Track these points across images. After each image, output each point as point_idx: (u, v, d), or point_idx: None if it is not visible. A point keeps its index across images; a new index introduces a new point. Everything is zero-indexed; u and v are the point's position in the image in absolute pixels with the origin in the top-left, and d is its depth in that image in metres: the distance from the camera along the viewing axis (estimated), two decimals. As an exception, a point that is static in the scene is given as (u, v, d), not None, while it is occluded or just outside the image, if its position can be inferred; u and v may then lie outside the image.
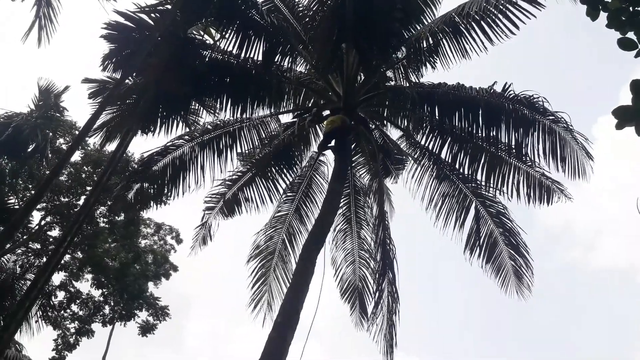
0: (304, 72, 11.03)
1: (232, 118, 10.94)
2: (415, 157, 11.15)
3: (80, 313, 19.73)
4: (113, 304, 20.40)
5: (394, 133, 11.49)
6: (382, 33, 9.13)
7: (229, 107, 10.49)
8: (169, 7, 9.04)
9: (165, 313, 20.99)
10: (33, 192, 16.93)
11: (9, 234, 11.08)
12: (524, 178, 10.05)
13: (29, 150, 15.90)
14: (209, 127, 11.08)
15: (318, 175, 11.90)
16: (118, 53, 9.31)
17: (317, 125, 11.33)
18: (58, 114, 16.92)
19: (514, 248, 10.60)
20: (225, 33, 9.36)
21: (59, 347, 19.05)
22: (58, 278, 19.05)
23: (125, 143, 9.32)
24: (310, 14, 9.79)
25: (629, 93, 2.64)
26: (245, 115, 10.83)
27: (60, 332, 19.20)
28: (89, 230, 18.40)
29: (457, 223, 10.79)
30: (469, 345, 41.52)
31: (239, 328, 47.23)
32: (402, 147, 11.40)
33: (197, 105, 10.58)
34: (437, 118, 10.30)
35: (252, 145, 11.32)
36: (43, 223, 18.49)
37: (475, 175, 10.43)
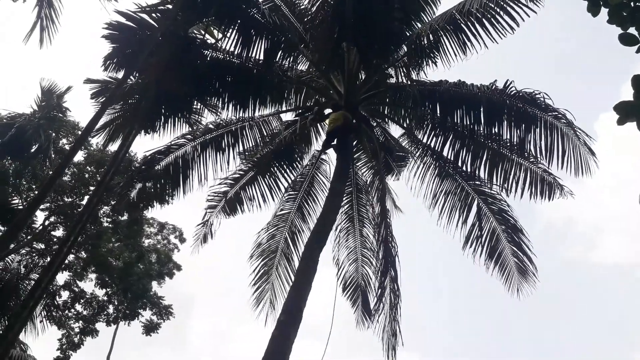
0: (305, 70, 11.03)
1: (234, 117, 10.96)
2: (417, 154, 11.14)
3: (85, 312, 19.81)
4: (117, 304, 20.46)
5: (396, 131, 11.50)
6: (382, 32, 9.13)
7: (231, 106, 10.53)
8: (170, 6, 9.06)
9: (169, 312, 21.05)
10: (36, 192, 16.97)
11: (13, 234, 11.15)
12: (526, 174, 10.04)
13: (32, 151, 15.95)
14: (211, 126, 11.10)
15: (320, 174, 11.91)
16: (119, 53, 9.35)
17: (318, 124, 11.35)
18: (61, 115, 16.98)
19: (517, 245, 10.59)
20: (227, 32, 9.38)
21: (64, 346, 19.13)
22: (62, 278, 19.17)
23: (128, 143, 9.35)
24: (311, 13, 9.80)
25: (631, 89, 2.65)
26: (247, 114, 10.85)
27: (65, 331, 19.28)
28: (93, 230, 18.46)
29: (459, 220, 10.79)
30: (470, 343, 41.55)
31: (242, 327, 47.36)
32: (403, 144, 11.40)
33: (199, 105, 10.60)
34: (438, 115, 10.28)
35: (254, 144, 11.34)
36: (47, 223, 18.55)
37: (478, 173, 10.43)
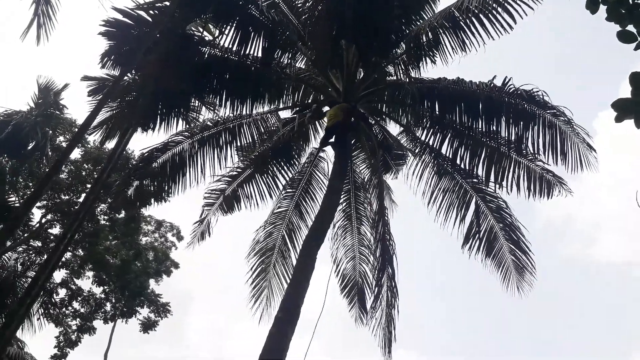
0: (304, 68, 11.00)
1: (231, 114, 10.93)
2: (416, 152, 11.13)
3: (82, 310, 19.78)
4: (114, 301, 20.45)
5: (394, 128, 11.49)
6: (381, 29, 9.11)
7: (229, 103, 10.48)
8: (168, 3, 9.01)
9: (167, 310, 21.06)
10: (33, 190, 16.92)
11: (10, 231, 11.12)
12: (525, 172, 10.04)
13: (29, 149, 15.87)
14: (209, 123, 11.07)
15: (318, 172, 11.90)
16: (117, 50, 9.30)
17: (317, 122, 11.33)
18: (58, 112, 16.88)
19: (515, 243, 10.60)
20: (224, 29, 9.32)
21: (61, 344, 19.11)
22: (59, 276, 19.11)
23: (125, 140, 9.31)
24: (310, 11, 9.76)
25: (629, 86, 2.63)
26: (245, 112, 10.81)
27: (62, 329, 19.26)
28: (90, 228, 18.41)
29: (457, 218, 10.79)
30: (469, 340, 41.61)
31: (240, 324, 47.34)
32: (402, 142, 11.40)
33: (196, 102, 10.56)
34: (437, 113, 10.26)
35: (251, 142, 11.31)
36: (44, 221, 18.50)
37: (476, 170, 10.41)
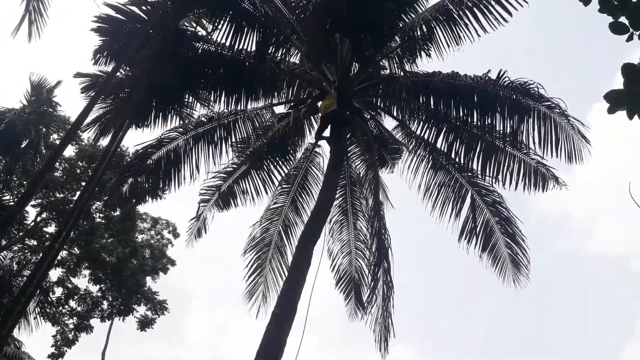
0: (298, 63, 10.96)
1: (226, 110, 10.88)
2: (411, 147, 11.13)
3: (79, 309, 19.70)
4: (111, 299, 20.37)
5: (390, 123, 11.48)
6: (375, 23, 9.06)
7: (223, 99, 10.44)
8: (160, -2, 8.96)
9: (164, 307, 20.99)
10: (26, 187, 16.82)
11: (3, 230, 11.05)
12: (520, 165, 10.06)
13: (23, 147, 15.78)
14: (203, 119, 11.02)
15: (314, 167, 11.88)
16: (109, 46, 9.23)
17: (312, 116, 11.29)
18: (51, 109, 16.78)
19: (510, 237, 10.63)
20: (218, 24, 9.27)
21: (58, 343, 19.04)
22: (55, 274, 19.05)
23: (119, 137, 9.28)
24: (303, 4, 9.71)
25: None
26: (240, 107, 10.77)
27: (59, 328, 19.18)
28: (85, 226, 18.34)
29: (453, 212, 10.82)
30: (468, 334, 41.86)
31: (238, 321, 47.42)
32: (397, 137, 11.38)
33: (190, 98, 10.50)
34: (432, 107, 10.26)
35: (247, 137, 11.27)
36: (39, 219, 18.42)
37: (471, 164, 10.43)
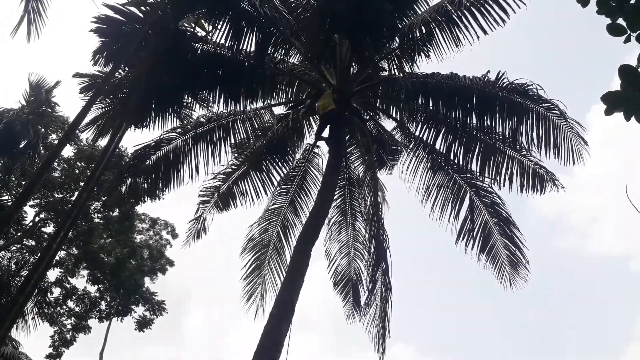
0: (297, 63, 10.96)
1: (225, 111, 10.88)
2: (410, 148, 11.13)
3: (77, 309, 19.68)
4: (109, 300, 20.36)
5: (388, 124, 11.47)
6: (374, 24, 9.06)
7: (222, 99, 10.42)
8: (159, -1, 8.96)
9: (162, 308, 20.98)
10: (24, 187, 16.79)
11: (1, 230, 11.03)
12: (518, 167, 10.07)
13: (21, 147, 15.77)
14: (202, 120, 11.01)
15: (312, 168, 11.87)
16: (109, 47, 9.24)
17: (311, 117, 11.29)
18: (50, 110, 16.78)
19: (509, 238, 10.63)
20: (217, 25, 9.26)
21: (56, 343, 19.01)
22: (53, 274, 19.01)
23: (118, 138, 9.28)
24: (302, 5, 9.72)
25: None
26: (239, 108, 10.77)
27: (57, 328, 19.15)
28: (84, 226, 18.32)
29: (452, 213, 10.81)
30: (467, 334, 41.85)
31: (237, 321, 47.38)
32: (396, 138, 11.38)
33: (189, 98, 10.50)
34: (431, 108, 10.27)
35: (246, 138, 11.26)
36: (37, 220, 18.39)
37: (470, 166, 10.44)
